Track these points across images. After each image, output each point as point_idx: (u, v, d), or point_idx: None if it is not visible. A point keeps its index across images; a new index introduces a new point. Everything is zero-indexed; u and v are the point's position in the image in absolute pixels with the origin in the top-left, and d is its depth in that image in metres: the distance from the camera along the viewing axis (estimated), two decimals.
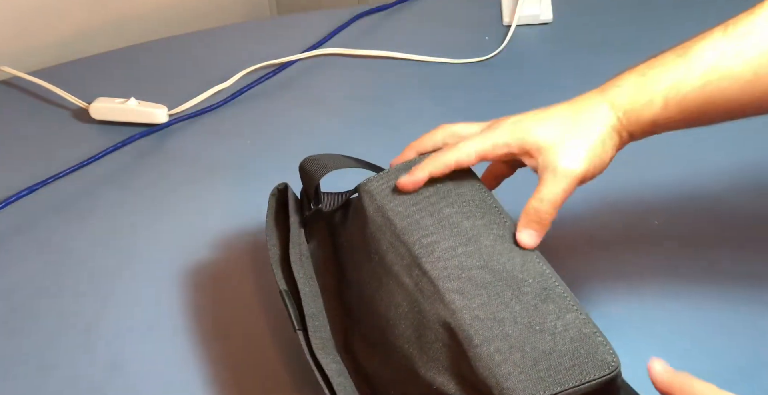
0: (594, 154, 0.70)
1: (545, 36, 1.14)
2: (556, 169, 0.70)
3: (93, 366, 0.82)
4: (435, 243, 0.69)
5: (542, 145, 0.71)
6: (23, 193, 0.97)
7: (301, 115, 1.06)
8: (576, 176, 0.70)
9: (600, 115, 0.71)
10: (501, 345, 0.63)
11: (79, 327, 0.86)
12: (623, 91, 0.71)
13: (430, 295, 0.66)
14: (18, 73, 1.08)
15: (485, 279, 0.66)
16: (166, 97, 1.06)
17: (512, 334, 0.64)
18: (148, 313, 0.86)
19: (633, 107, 0.70)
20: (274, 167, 0.99)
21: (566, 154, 0.70)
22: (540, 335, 0.63)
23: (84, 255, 0.92)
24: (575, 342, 0.63)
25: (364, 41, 1.14)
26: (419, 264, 0.68)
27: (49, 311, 0.87)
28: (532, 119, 0.73)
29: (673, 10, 1.16)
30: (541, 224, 0.70)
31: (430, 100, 1.07)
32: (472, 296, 0.66)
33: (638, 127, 0.71)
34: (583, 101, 0.72)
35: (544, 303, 0.65)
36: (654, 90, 0.70)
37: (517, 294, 0.65)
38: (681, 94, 0.69)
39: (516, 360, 0.62)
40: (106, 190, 0.99)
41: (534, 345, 0.63)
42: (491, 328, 0.64)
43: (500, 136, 0.72)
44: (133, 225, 0.95)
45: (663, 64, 0.70)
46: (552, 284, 0.66)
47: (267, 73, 1.10)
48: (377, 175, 0.75)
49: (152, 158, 1.02)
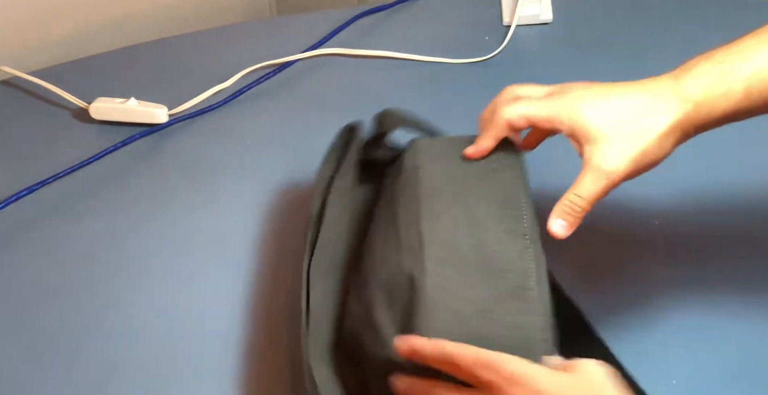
0: (645, 154, 0.68)
1: (545, 36, 1.14)
2: (599, 166, 0.68)
3: (93, 367, 0.82)
4: (444, 212, 0.69)
5: (592, 136, 0.68)
6: (23, 193, 0.97)
7: (301, 115, 1.06)
8: (618, 177, 0.68)
9: (666, 109, 0.67)
10: (447, 317, 0.63)
11: (80, 328, 0.86)
12: (698, 81, 0.67)
13: (413, 252, 0.67)
14: (18, 73, 1.08)
15: (469, 259, 0.67)
16: (166, 97, 1.06)
17: (462, 312, 0.64)
18: (149, 313, 0.86)
19: (707, 98, 0.67)
20: (274, 167, 0.99)
21: (613, 152, 0.67)
22: (487, 322, 0.63)
23: (84, 255, 0.92)
24: (516, 340, 0.63)
25: (364, 41, 1.14)
26: (419, 225, 0.69)
27: (49, 311, 0.87)
28: (595, 99, 0.69)
29: (673, 10, 1.16)
30: (575, 217, 0.69)
31: (430, 100, 1.07)
32: (447, 266, 0.66)
33: (710, 120, 0.68)
34: (652, 88, 0.69)
35: (511, 299, 0.64)
36: (734, 79, 0.66)
37: (491, 282, 0.65)
38: (765, 82, 0.66)
39: (450, 329, 0.63)
40: (106, 190, 0.99)
41: (476, 327, 0.63)
42: (446, 300, 0.64)
43: (557, 110, 0.69)
44: (133, 226, 0.95)
45: (742, 50, 0.67)
46: (530, 285, 0.65)
47: (267, 73, 1.10)
48: (431, 138, 0.77)
49: (152, 158, 1.02)
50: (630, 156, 0.67)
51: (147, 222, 0.95)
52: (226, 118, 1.06)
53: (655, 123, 0.67)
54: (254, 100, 1.08)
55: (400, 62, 1.11)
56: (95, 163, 1.01)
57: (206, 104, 1.07)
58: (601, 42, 1.13)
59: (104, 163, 1.01)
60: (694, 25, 1.14)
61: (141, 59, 1.14)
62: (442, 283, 0.65)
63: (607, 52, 1.11)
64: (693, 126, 0.68)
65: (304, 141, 1.02)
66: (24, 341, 0.85)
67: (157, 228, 0.94)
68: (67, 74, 1.11)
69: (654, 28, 1.14)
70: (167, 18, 1.25)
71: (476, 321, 0.64)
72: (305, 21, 1.19)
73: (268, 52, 1.12)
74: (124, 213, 0.96)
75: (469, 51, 1.11)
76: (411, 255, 0.67)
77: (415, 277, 0.66)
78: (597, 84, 0.71)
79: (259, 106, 1.07)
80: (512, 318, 0.64)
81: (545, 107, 0.70)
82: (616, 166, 0.68)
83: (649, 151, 0.68)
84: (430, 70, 1.10)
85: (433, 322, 0.63)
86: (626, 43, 1.12)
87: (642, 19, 1.16)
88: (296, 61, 1.12)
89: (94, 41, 1.19)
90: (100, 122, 1.05)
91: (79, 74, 1.11)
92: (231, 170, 1.00)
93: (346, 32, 1.16)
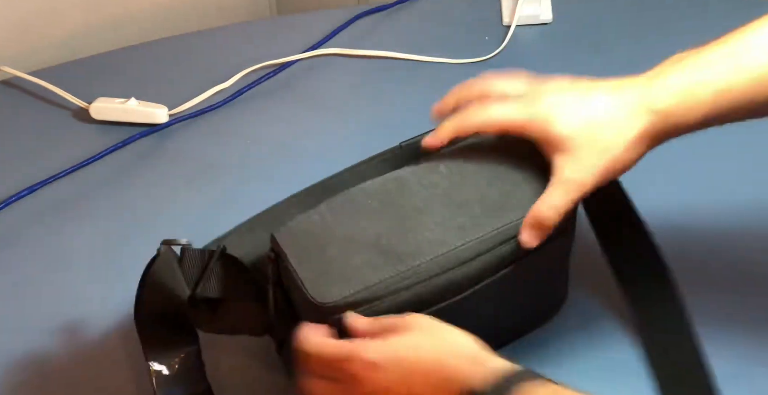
0: (614, 164, 0.69)
1: (545, 36, 1.14)
2: (569, 178, 0.69)
3: (93, 367, 0.82)
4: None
5: (562, 146, 0.69)
6: (23, 193, 0.97)
7: (301, 115, 1.06)
8: (587, 188, 0.69)
9: (635, 121, 0.69)
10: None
11: (79, 328, 0.86)
12: (668, 92, 0.68)
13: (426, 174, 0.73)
14: (18, 73, 1.08)
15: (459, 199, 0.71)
16: (166, 97, 1.06)
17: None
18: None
19: (676, 111, 0.68)
20: (274, 167, 0.99)
21: (583, 163, 0.69)
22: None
23: (84, 255, 0.92)
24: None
25: (364, 41, 1.14)
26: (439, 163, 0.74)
27: (49, 311, 0.87)
28: (567, 107, 0.70)
29: (673, 10, 1.16)
30: (543, 227, 0.69)
31: (430, 100, 1.06)
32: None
33: (678, 130, 0.69)
34: (623, 97, 0.69)
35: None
36: (703, 92, 0.68)
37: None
38: (733, 96, 0.68)
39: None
40: (106, 190, 0.99)
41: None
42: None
43: (530, 121, 0.70)
44: (133, 226, 0.95)
45: (712, 63, 0.69)
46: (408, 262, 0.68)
47: (267, 73, 1.10)
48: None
49: (152, 158, 1.02)
50: (599, 167, 0.69)
51: (147, 222, 0.95)
52: (226, 118, 1.06)
53: (623, 134, 0.68)
54: (254, 100, 1.08)
55: (400, 62, 1.11)
56: (95, 163, 1.01)
57: (206, 104, 1.07)
58: (601, 42, 1.13)
59: (104, 163, 1.01)
60: (695, 24, 1.13)
61: (141, 59, 1.14)
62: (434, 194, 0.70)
63: (607, 52, 1.11)
64: (662, 134, 0.69)
65: (304, 141, 1.02)
66: (23, 341, 0.85)
67: (157, 228, 0.94)
68: (67, 74, 1.11)
69: (654, 28, 1.14)
70: (167, 18, 1.25)
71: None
72: (305, 21, 1.19)
73: (268, 52, 1.12)
74: (124, 213, 0.96)
75: (469, 51, 1.11)
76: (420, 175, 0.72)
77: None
78: (571, 85, 0.72)
79: (259, 106, 1.07)
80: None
81: (517, 114, 0.71)
82: (585, 178, 0.69)
83: (618, 160, 0.69)
84: (430, 70, 1.10)
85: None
86: (626, 43, 1.12)
87: (642, 19, 1.16)
88: (296, 61, 1.12)
89: (94, 41, 1.19)
90: (100, 122, 1.05)
91: (79, 74, 1.11)
92: (231, 170, 1.00)
93: (346, 32, 1.16)
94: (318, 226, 0.70)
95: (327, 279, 0.68)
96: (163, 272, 0.72)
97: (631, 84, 0.70)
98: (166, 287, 0.72)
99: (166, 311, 0.72)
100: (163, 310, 0.72)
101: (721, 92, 0.68)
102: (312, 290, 0.67)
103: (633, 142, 0.69)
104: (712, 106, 0.68)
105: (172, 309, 0.72)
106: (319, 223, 0.70)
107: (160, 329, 0.73)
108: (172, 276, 0.72)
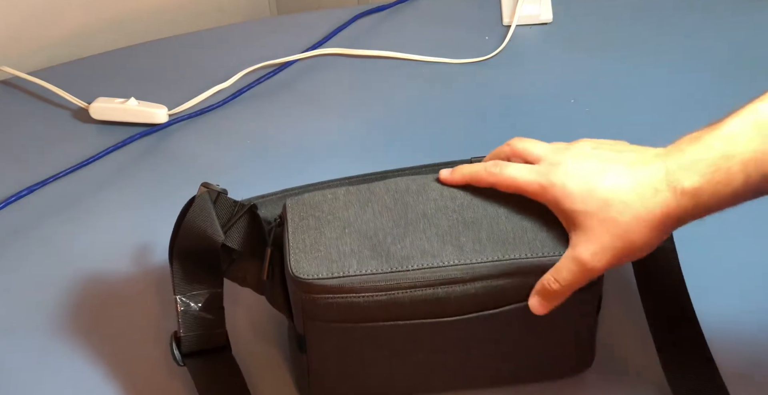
0: (631, 248, 0.66)
1: (545, 36, 1.14)
2: (580, 258, 0.67)
3: (93, 367, 0.83)
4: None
5: (577, 222, 0.67)
6: (23, 192, 0.97)
7: (301, 115, 1.06)
8: (598, 271, 0.67)
9: (658, 199, 0.65)
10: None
11: (79, 328, 0.86)
12: (694, 169, 0.64)
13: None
14: (18, 73, 1.08)
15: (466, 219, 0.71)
16: (166, 97, 1.06)
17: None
18: (149, 314, 0.86)
19: (707, 188, 0.64)
20: (274, 167, 0.99)
21: (597, 245, 0.66)
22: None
23: (84, 255, 0.92)
24: None
25: (364, 41, 1.14)
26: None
27: (48, 311, 0.87)
28: (584, 181, 0.67)
29: (673, 11, 1.16)
30: (550, 299, 0.68)
31: (430, 100, 1.07)
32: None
33: (711, 208, 0.65)
34: (647, 170, 0.66)
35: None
36: (731, 165, 0.63)
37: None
38: (762, 164, 0.63)
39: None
40: (106, 190, 0.99)
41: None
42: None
43: (544, 189, 0.69)
44: (133, 226, 0.95)
45: (733, 134, 0.64)
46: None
47: (267, 73, 1.10)
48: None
49: (152, 158, 1.02)
50: (616, 250, 0.66)
51: (147, 222, 0.95)
52: (226, 118, 1.06)
53: (643, 217, 0.65)
54: (254, 100, 1.08)
55: (400, 62, 1.11)
56: (95, 163, 1.01)
57: (206, 104, 1.07)
58: (601, 42, 1.13)
59: (104, 163, 1.01)
60: (695, 25, 1.14)
61: (141, 59, 1.14)
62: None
63: (607, 52, 1.11)
64: (688, 217, 0.65)
65: (304, 141, 1.02)
66: (23, 341, 0.85)
67: (157, 228, 0.94)
68: (67, 74, 1.11)
69: (654, 28, 1.14)
70: (167, 18, 1.25)
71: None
72: (305, 21, 1.19)
73: (268, 52, 1.12)
74: (124, 213, 0.96)
75: (469, 51, 1.11)
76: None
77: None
78: (591, 153, 0.69)
79: (259, 106, 1.07)
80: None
81: (534, 178, 0.70)
82: (598, 262, 0.66)
83: (636, 246, 0.66)
84: (430, 70, 1.10)
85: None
86: (626, 43, 1.12)
87: (642, 19, 1.16)
88: (296, 61, 1.12)
89: (94, 41, 1.19)
90: (100, 122, 1.05)
91: (79, 74, 1.11)
92: (231, 170, 1.00)
93: (346, 32, 1.16)
94: (328, 205, 0.72)
95: (311, 255, 0.69)
96: (201, 211, 0.74)
97: (652, 159, 0.67)
98: (201, 226, 0.74)
99: (198, 249, 0.75)
100: (196, 248, 0.75)
101: (750, 161, 0.63)
102: (293, 260, 0.68)
103: (654, 226, 0.65)
104: (744, 179, 0.63)
105: (204, 247, 0.74)
106: (330, 202, 0.72)
107: (191, 265, 0.76)
108: (208, 217, 0.74)
